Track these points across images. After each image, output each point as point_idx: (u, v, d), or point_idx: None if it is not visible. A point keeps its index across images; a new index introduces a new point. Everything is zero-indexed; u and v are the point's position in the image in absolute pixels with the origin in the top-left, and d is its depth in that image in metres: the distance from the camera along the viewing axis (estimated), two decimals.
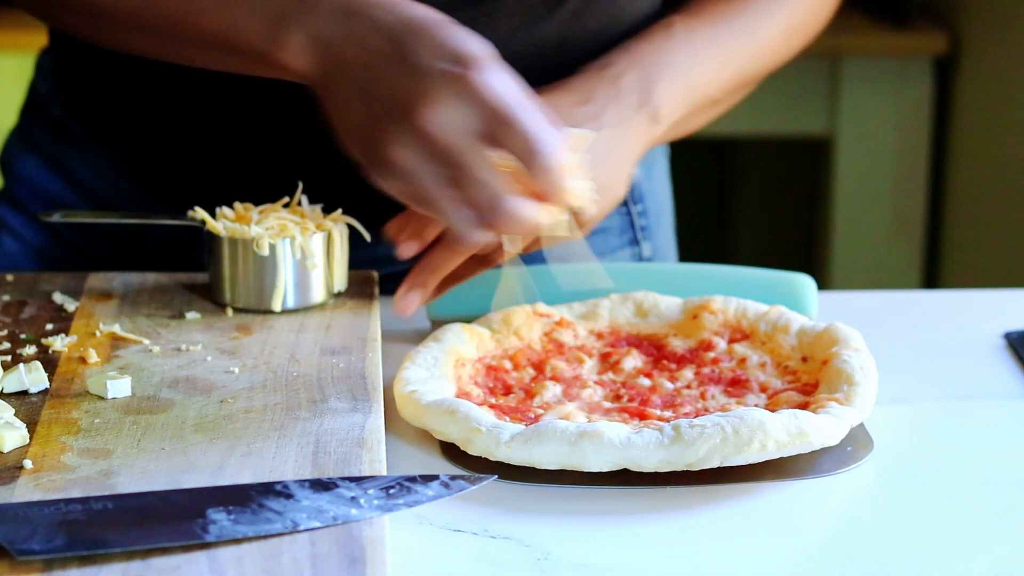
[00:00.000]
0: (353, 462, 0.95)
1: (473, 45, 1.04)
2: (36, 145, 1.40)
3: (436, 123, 1.02)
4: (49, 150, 1.40)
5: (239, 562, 0.84)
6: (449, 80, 1.02)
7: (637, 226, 1.43)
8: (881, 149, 3.07)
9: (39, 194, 1.39)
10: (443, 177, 1.03)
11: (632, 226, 1.43)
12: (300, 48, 1.09)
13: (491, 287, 1.25)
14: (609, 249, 1.41)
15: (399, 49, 1.05)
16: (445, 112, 1.02)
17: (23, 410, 1.02)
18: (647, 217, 1.44)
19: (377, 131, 1.05)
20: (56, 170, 1.39)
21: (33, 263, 1.40)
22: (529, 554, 0.93)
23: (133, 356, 1.11)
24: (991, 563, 0.92)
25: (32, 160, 1.40)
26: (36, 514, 0.87)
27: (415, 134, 1.03)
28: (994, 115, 2.90)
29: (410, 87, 1.03)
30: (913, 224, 3.10)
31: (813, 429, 1.00)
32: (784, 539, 0.96)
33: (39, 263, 1.39)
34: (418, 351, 1.11)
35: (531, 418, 1.05)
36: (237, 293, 1.19)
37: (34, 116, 1.42)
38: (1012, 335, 1.23)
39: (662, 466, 0.98)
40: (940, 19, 3.07)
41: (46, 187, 1.39)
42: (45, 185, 1.39)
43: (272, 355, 1.11)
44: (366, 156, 1.07)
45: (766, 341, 1.15)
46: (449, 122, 1.02)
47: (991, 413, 1.12)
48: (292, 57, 1.10)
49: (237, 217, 1.20)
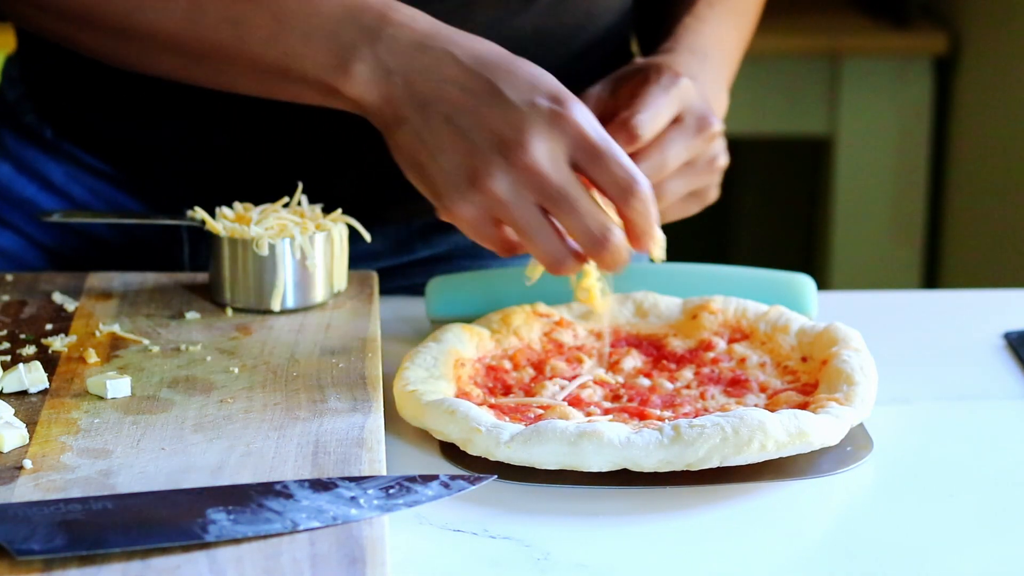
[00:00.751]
0: (353, 462, 0.95)
1: (558, 83, 1.08)
2: (7, 151, 1.39)
3: (539, 156, 1.05)
4: (21, 156, 1.39)
5: (239, 562, 0.84)
6: (548, 115, 1.05)
7: None
8: (881, 149, 3.07)
9: (13, 200, 1.38)
10: (539, 209, 1.06)
11: None
12: (368, 80, 1.09)
13: (491, 287, 1.25)
14: None
15: (491, 86, 1.07)
16: (546, 145, 1.05)
17: (23, 410, 1.02)
18: None
19: (473, 163, 1.06)
20: (30, 175, 1.38)
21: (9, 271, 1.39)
22: (529, 554, 0.93)
23: (133, 356, 1.10)
24: (991, 563, 0.92)
25: (4, 166, 1.39)
26: (36, 514, 0.87)
27: (516, 166, 1.05)
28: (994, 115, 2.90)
29: (510, 121, 1.05)
30: (913, 224, 3.10)
31: (813, 429, 1.00)
32: (784, 539, 0.96)
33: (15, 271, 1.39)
34: (418, 351, 1.11)
35: (531, 418, 1.05)
36: (237, 293, 1.19)
37: (4, 122, 1.41)
38: (1012, 335, 1.23)
39: (662, 466, 0.98)
40: (940, 19, 3.07)
41: (21, 192, 1.38)
42: (20, 191, 1.38)
43: (272, 355, 1.11)
44: (449, 189, 1.07)
45: (766, 341, 1.15)
46: (551, 155, 1.05)
47: (991, 413, 1.12)
48: (357, 88, 1.09)
49: (237, 217, 1.20)
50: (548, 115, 1.06)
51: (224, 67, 1.15)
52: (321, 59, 1.10)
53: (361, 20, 1.10)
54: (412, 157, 1.09)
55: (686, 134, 1.17)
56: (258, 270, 1.18)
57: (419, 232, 1.39)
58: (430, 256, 1.40)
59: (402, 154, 1.10)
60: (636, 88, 1.18)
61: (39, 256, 1.38)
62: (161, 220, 1.24)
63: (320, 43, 1.10)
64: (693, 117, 1.18)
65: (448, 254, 1.40)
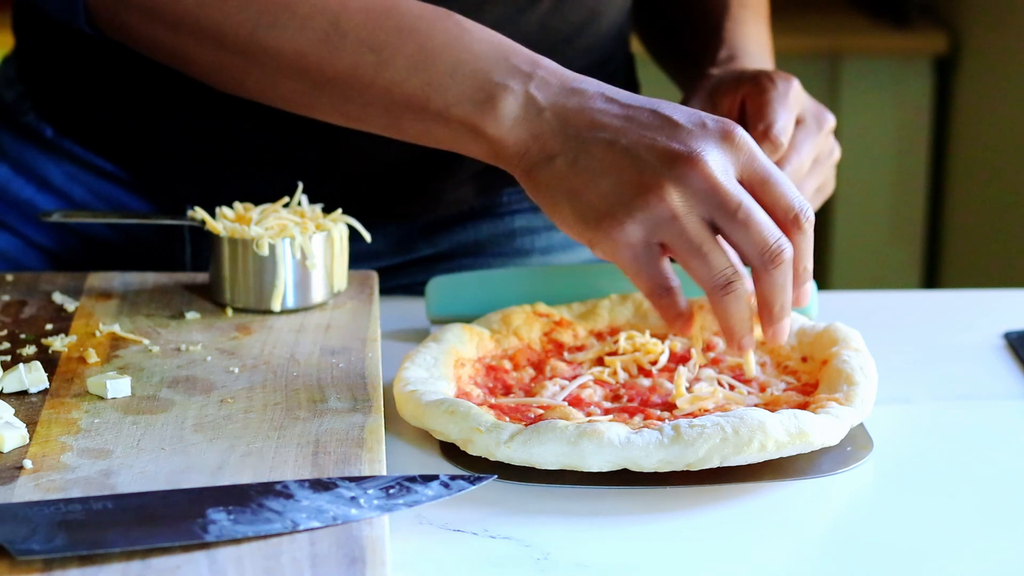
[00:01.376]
0: (353, 462, 0.95)
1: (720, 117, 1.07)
2: (4, 152, 1.39)
3: (713, 167, 1.02)
4: (18, 156, 1.38)
5: (239, 562, 0.84)
6: (719, 132, 1.04)
7: None
8: (881, 149, 3.07)
9: (11, 201, 1.38)
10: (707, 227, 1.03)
11: None
12: (516, 117, 1.07)
13: (491, 287, 1.25)
14: None
15: (655, 113, 1.05)
16: (720, 158, 1.03)
17: (23, 410, 1.02)
18: None
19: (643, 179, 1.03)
20: (28, 175, 1.38)
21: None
22: (529, 554, 0.93)
23: (133, 356, 1.10)
24: (991, 563, 0.92)
25: (1, 167, 1.39)
26: (36, 514, 0.87)
27: (689, 177, 1.02)
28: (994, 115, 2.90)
29: (681, 138, 1.03)
30: (913, 224, 3.10)
31: (813, 429, 1.00)
32: (784, 539, 0.96)
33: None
34: (418, 351, 1.11)
35: (531, 418, 1.05)
36: (237, 293, 1.19)
37: (0, 123, 1.41)
38: (1012, 335, 1.23)
39: (662, 466, 0.98)
40: (940, 19, 3.07)
41: (19, 193, 1.38)
42: (18, 191, 1.38)
43: (272, 355, 1.11)
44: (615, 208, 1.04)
45: (766, 341, 1.15)
46: (724, 168, 1.03)
47: (991, 413, 1.12)
48: (503, 126, 1.07)
49: (237, 217, 1.20)
50: (719, 133, 1.04)
51: (354, 95, 1.11)
52: (468, 93, 1.07)
53: (512, 60, 1.08)
54: (565, 188, 1.05)
55: (811, 133, 1.19)
56: (258, 270, 1.18)
57: (420, 230, 1.39)
58: (431, 255, 1.40)
59: (551, 188, 1.06)
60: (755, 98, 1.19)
61: (37, 257, 1.38)
62: (161, 220, 1.24)
63: (468, 77, 1.07)
64: (811, 116, 1.20)
65: (449, 252, 1.40)
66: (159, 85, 1.30)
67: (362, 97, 1.11)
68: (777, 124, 1.16)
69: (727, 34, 1.32)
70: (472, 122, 1.07)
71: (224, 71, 1.15)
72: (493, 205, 1.40)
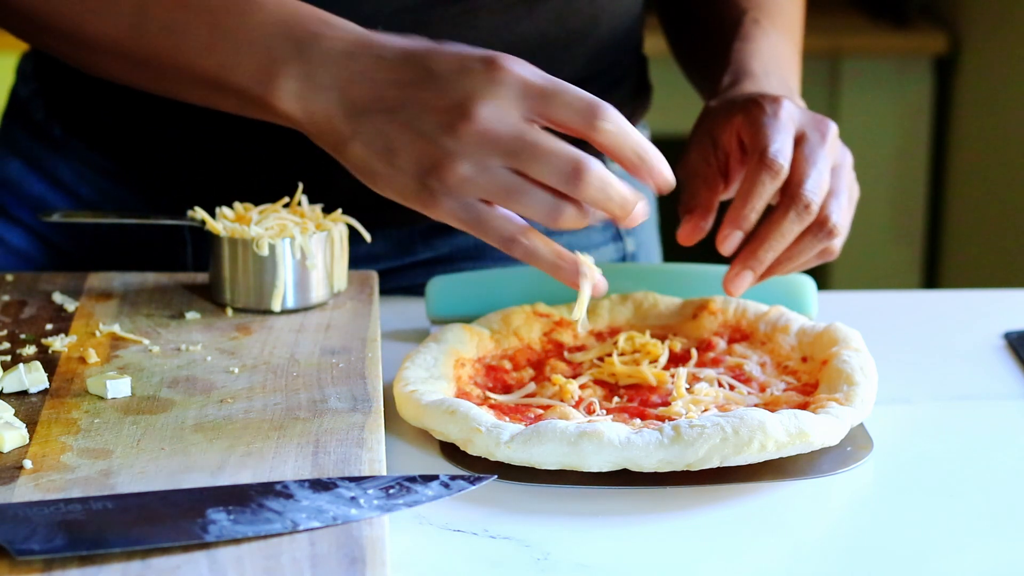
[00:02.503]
0: (353, 462, 0.95)
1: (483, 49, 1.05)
2: (18, 148, 1.40)
3: (486, 118, 1.01)
4: (31, 153, 1.39)
5: (239, 562, 0.84)
6: (483, 76, 1.02)
7: None
8: (881, 149, 3.07)
9: (23, 197, 1.38)
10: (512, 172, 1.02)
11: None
12: (296, 96, 1.07)
13: (491, 287, 1.25)
14: (592, 244, 1.42)
15: (420, 71, 1.04)
16: (492, 105, 1.01)
17: (23, 410, 1.02)
18: None
19: (430, 154, 1.03)
20: (39, 172, 1.39)
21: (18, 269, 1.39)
22: (529, 554, 0.93)
23: (133, 356, 1.11)
24: (991, 563, 0.92)
25: (14, 163, 1.40)
26: (36, 514, 0.87)
27: (469, 139, 1.01)
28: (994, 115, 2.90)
29: (452, 96, 1.02)
30: (913, 224, 3.10)
31: (813, 429, 1.00)
32: (784, 539, 0.96)
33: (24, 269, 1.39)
34: (418, 351, 1.11)
35: (531, 418, 1.05)
36: (237, 293, 1.19)
37: (15, 119, 1.42)
38: (1012, 335, 1.23)
39: (662, 466, 0.98)
40: (940, 19, 3.07)
41: (29, 190, 1.38)
42: (28, 188, 1.38)
43: (272, 355, 1.11)
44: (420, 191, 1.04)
45: (766, 341, 1.15)
46: (499, 113, 1.01)
47: (991, 413, 1.12)
48: (286, 104, 1.08)
49: (237, 217, 1.20)
50: (484, 76, 1.02)
51: (164, 74, 1.14)
52: (251, 71, 1.08)
53: (293, 33, 1.08)
54: (371, 171, 1.06)
55: (818, 145, 1.17)
56: (258, 270, 1.18)
57: (420, 234, 1.39)
58: (431, 258, 1.40)
59: (361, 171, 1.07)
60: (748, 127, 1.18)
61: (48, 253, 1.38)
62: (161, 220, 1.24)
63: (250, 55, 1.08)
64: (813, 128, 1.18)
65: (449, 256, 1.40)
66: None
67: (173, 76, 1.14)
68: (772, 147, 1.14)
69: (734, 55, 1.30)
70: (265, 100, 1.09)
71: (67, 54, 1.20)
72: None
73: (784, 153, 1.15)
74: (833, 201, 1.16)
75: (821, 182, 1.15)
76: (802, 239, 1.15)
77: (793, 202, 1.13)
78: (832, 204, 1.16)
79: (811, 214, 1.14)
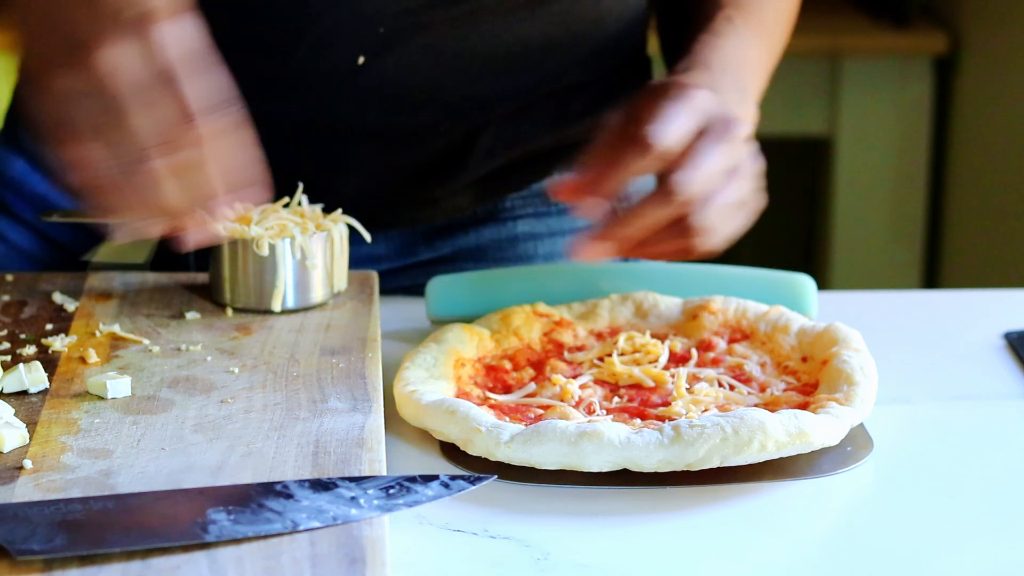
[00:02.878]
0: (353, 462, 0.95)
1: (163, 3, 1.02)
2: (22, 146, 1.40)
3: (109, 64, 1.00)
4: (35, 151, 1.39)
5: (239, 562, 0.84)
6: (130, 29, 1.01)
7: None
8: (881, 149, 3.07)
9: (26, 195, 1.38)
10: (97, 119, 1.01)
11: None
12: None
13: (491, 287, 1.25)
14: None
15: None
16: (119, 57, 1.00)
17: (23, 410, 1.02)
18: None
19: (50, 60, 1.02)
20: (43, 171, 1.38)
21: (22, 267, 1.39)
22: (529, 554, 0.93)
23: (133, 356, 1.10)
24: (991, 563, 0.92)
25: (18, 162, 1.40)
26: (36, 514, 0.87)
27: (86, 70, 1.00)
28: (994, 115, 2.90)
29: (92, 27, 1.01)
30: (913, 224, 3.10)
31: (813, 429, 1.00)
32: (784, 539, 0.96)
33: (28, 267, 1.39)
34: (418, 351, 1.11)
35: (531, 418, 1.05)
36: (237, 293, 1.19)
37: (19, 117, 1.42)
38: (1012, 335, 1.23)
39: (662, 466, 0.98)
40: (940, 19, 3.07)
41: (34, 188, 1.38)
42: (33, 186, 1.38)
43: (272, 355, 1.11)
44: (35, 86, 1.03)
45: (766, 341, 1.15)
46: (122, 68, 1.01)
47: (991, 413, 1.12)
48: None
49: (237, 217, 1.20)
50: (132, 29, 1.01)
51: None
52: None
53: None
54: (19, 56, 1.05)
55: (715, 141, 1.15)
56: (258, 270, 1.18)
57: (422, 235, 1.39)
58: (432, 259, 1.40)
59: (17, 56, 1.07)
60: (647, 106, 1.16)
61: (51, 252, 1.38)
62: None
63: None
64: (716, 124, 1.16)
65: (451, 256, 1.40)
66: None
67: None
68: (652, 126, 1.12)
69: (696, 46, 1.28)
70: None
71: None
72: (496, 211, 1.40)
73: (662, 135, 1.12)
74: (710, 201, 1.14)
75: (698, 177, 1.13)
76: (665, 228, 1.14)
77: (660, 188, 1.12)
78: (709, 204, 1.14)
79: (672, 204, 1.12)
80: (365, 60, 1.25)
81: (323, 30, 1.23)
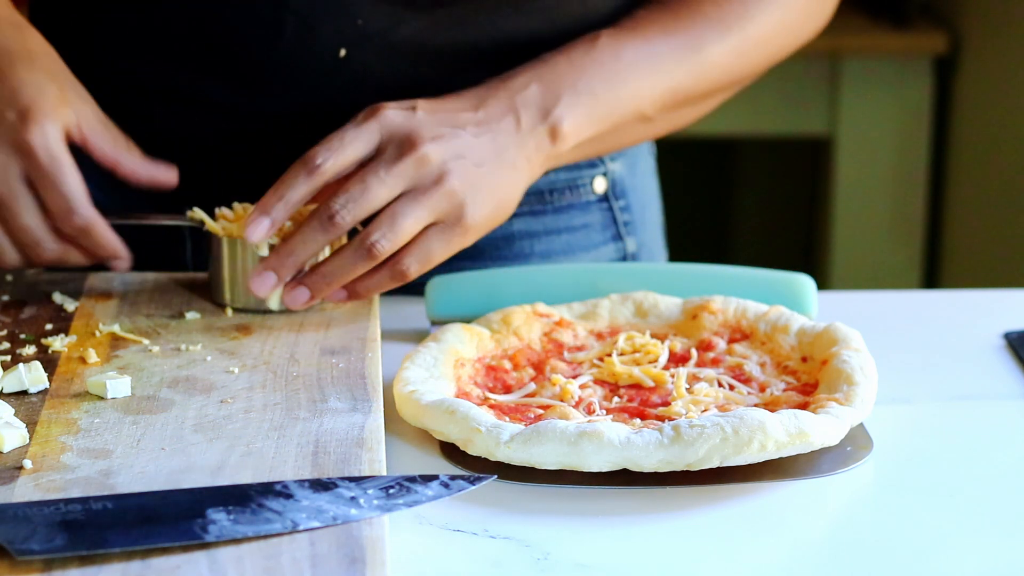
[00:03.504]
0: (353, 462, 0.95)
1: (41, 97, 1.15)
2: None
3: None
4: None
5: (239, 562, 0.84)
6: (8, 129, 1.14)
7: (620, 221, 1.43)
8: (881, 149, 3.07)
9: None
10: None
11: (615, 222, 1.43)
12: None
13: (491, 287, 1.25)
14: (592, 245, 1.41)
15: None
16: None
17: (23, 410, 1.02)
18: (630, 212, 1.44)
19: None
20: None
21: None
22: (529, 554, 0.93)
23: (133, 356, 1.11)
24: (991, 563, 0.92)
25: None
26: (36, 514, 0.87)
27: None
28: (994, 115, 2.90)
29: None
30: (913, 224, 3.10)
31: (813, 429, 1.00)
32: (784, 539, 0.96)
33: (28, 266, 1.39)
34: (418, 351, 1.11)
35: (531, 418, 1.05)
36: (237, 293, 1.19)
37: None
38: (1012, 335, 1.23)
39: (662, 466, 0.98)
40: (940, 19, 3.07)
41: None
42: None
43: (272, 355, 1.11)
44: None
45: (766, 341, 1.15)
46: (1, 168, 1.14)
47: (991, 413, 1.12)
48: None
49: (236, 217, 1.20)
50: (8, 130, 1.14)
51: None
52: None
53: None
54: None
55: (387, 161, 1.14)
56: None
57: None
58: None
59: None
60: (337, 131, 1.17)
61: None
62: (160, 220, 1.24)
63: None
64: (395, 143, 1.15)
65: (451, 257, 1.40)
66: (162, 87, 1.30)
67: None
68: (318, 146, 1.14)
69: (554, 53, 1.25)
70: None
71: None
72: None
73: (323, 155, 1.14)
74: (386, 223, 1.14)
75: (360, 198, 1.13)
76: (341, 253, 1.15)
77: (319, 210, 1.14)
78: (383, 226, 1.14)
79: (335, 226, 1.13)
80: (347, 52, 1.25)
81: (302, 20, 1.24)
